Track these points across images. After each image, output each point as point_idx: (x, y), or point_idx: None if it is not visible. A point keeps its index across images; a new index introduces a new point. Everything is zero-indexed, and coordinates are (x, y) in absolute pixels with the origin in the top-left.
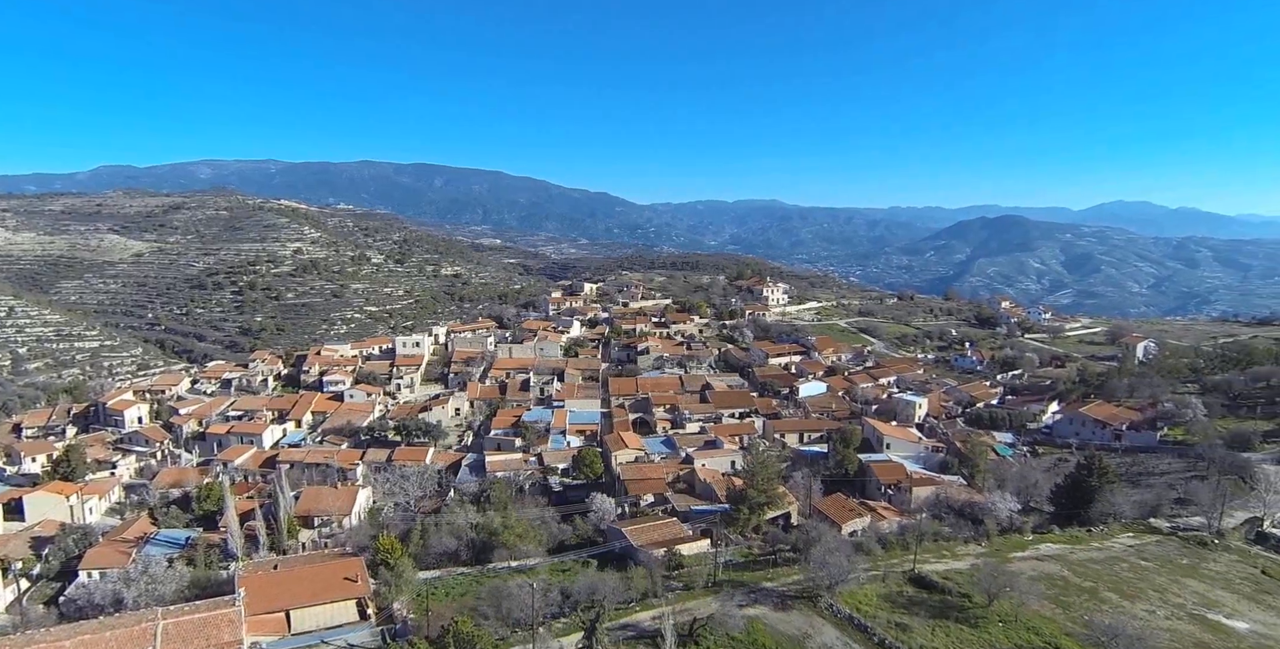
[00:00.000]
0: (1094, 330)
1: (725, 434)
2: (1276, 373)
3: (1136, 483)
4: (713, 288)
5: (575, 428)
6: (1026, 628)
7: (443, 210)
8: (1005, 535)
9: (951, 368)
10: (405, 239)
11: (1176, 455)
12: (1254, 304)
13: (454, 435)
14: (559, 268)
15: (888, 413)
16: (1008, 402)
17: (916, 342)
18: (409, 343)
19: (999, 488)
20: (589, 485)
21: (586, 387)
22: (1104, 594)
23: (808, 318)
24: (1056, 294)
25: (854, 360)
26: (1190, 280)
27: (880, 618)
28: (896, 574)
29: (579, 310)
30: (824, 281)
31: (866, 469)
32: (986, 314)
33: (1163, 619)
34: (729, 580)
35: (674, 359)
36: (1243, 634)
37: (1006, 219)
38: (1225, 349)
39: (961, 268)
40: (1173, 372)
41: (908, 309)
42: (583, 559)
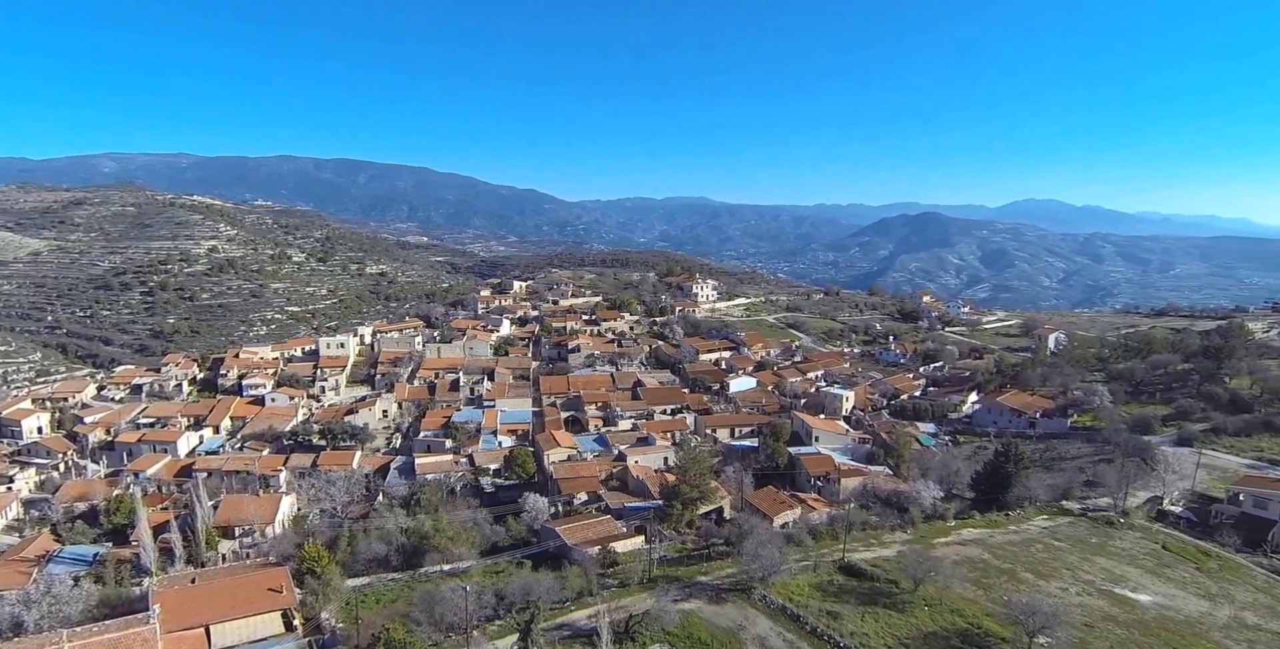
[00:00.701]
0: (1009, 323)
1: (657, 431)
2: (1174, 361)
3: (1050, 468)
4: (643, 285)
5: (507, 427)
6: (951, 610)
7: (367, 207)
8: (929, 522)
9: (877, 361)
10: (328, 237)
11: (1085, 440)
12: (1152, 296)
13: (382, 438)
14: (488, 266)
15: (816, 406)
16: (930, 393)
17: (843, 336)
18: (333, 344)
19: (923, 477)
20: (522, 485)
21: (517, 386)
22: (1021, 575)
23: (737, 314)
24: (974, 288)
25: (783, 355)
26: (1096, 274)
27: (812, 607)
28: (827, 563)
29: (509, 309)
30: (752, 278)
31: (796, 462)
32: (909, 308)
33: (1075, 595)
34: (664, 576)
35: (605, 357)
36: (1146, 606)
37: (927, 216)
38: (1128, 339)
39: (885, 263)
40: (1081, 361)
41: (834, 304)
42: (517, 560)
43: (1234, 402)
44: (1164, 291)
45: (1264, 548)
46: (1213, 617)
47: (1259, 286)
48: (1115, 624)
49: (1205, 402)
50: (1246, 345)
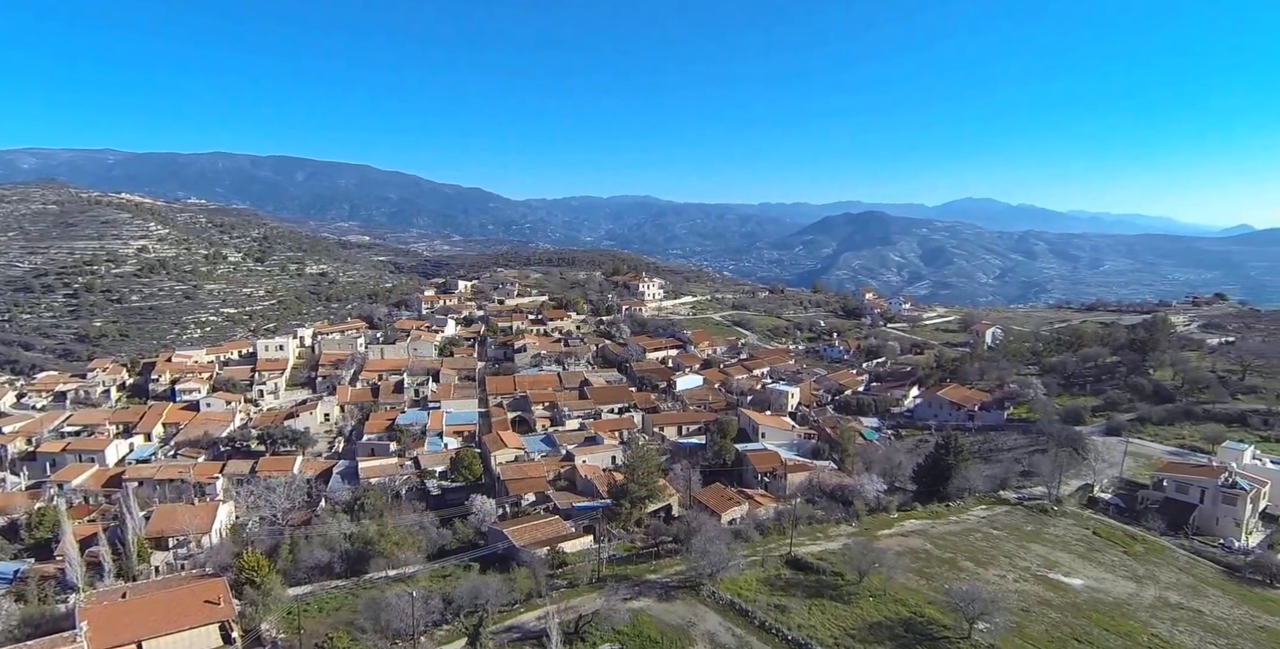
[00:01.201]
0: (948, 319)
1: (605, 430)
2: (1103, 354)
3: (988, 459)
4: (589, 284)
5: (452, 429)
6: (895, 600)
7: (306, 206)
8: (874, 515)
9: (821, 357)
10: (265, 236)
11: (1021, 432)
12: (1083, 292)
13: (324, 442)
14: (432, 265)
15: (762, 403)
16: (873, 388)
17: (788, 333)
18: (272, 346)
19: (867, 470)
20: (468, 487)
21: (463, 386)
22: (962, 563)
23: (683, 312)
24: (915, 285)
25: (729, 353)
26: (1030, 271)
27: (760, 601)
28: (775, 558)
29: (454, 309)
30: (699, 276)
31: (743, 458)
32: (852, 305)
33: (1012, 582)
34: (613, 575)
35: (552, 356)
36: (1078, 590)
37: (869, 215)
38: (1060, 333)
39: (828, 261)
40: (1017, 355)
41: (779, 302)
42: (464, 563)
43: (1158, 392)
44: (1093, 287)
45: (1185, 531)
46: (1139, 598)
47: (1180, 282)
48: (1050, 608)
49: (1132, 392)
50: (1169, 338)
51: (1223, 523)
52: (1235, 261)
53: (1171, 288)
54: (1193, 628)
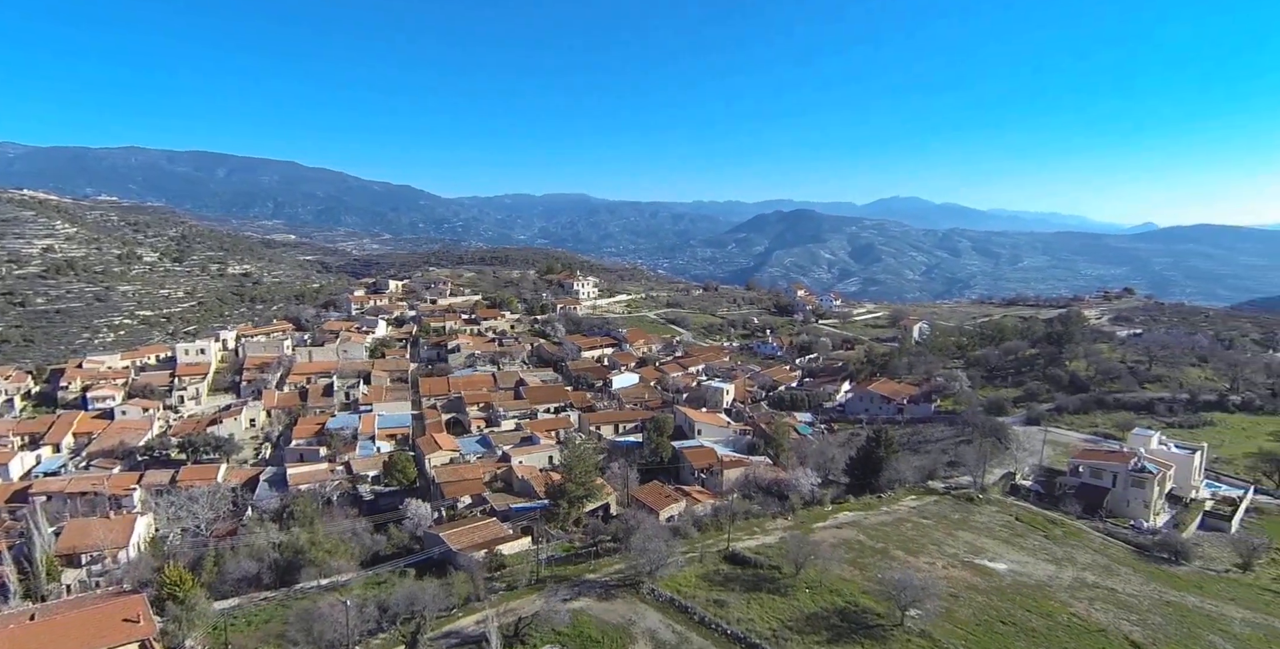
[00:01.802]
0: (878, 315)
1: (541, 430)
2: (1022, 347)
3: (917, 450)
4: (523, 283)
5: (385, 432)
6: (830, 591)
7: (228, 203)
8: (809, 508)
9: (755, 354)
10: (184, 235)
11: (948, 423)
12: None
13: (250, 449)
14: (361, 265)
15: (698, 400)
16: (806, 383)
17: (722, 330)
18: (192, 350)
19: (801, 464)
20: (403, 491)
21: (395, 388)
22: (894, 552)
23: (618, 310)
24: (845, 282)
25: (664, 351)
26: (954, 268)
27: (699, 597)
28: (713, 554)
29: (384, 309)
30: (633, 274)
31: (680, 455)
32: (784, 302)
33: (941, 568)
34: (552, 576)
35: (486, 356)
36: (1003, 574)
37: (799, 213)
38: (983, 328)
39: (761, 259)
40: (943, 350)
41: (713, 299)
42: (400, 569)
43: (1073, 383)
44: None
45: (1100, 513)
46: (1059, 579)
47: (1092, 277)
48: (977, 592)
49: (1049, 383)
50: (1083, 331)
51: (1133, 505)
52: (1142, 258)
53: (1085, 283)
54: (1107, 606)
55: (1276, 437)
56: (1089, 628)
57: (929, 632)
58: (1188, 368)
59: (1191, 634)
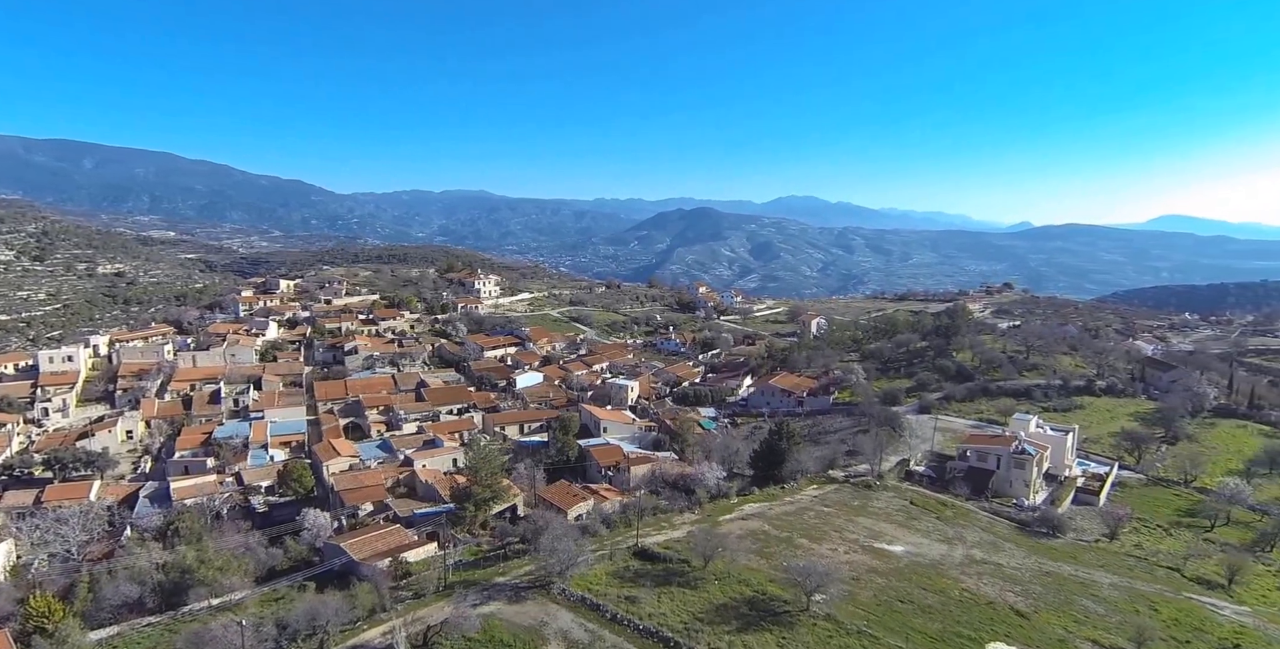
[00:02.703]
0: (777, 310)
1: (444, 432)
2: (913, 339)
3: (817, 441)
4: (423, 281)
5: (278, 440)
6: (739, 581)
7: (97, 197)
8: (715, 501)
9: (658, 351)
10: (45, 231)
11: (846, 414)
12: (895, 283)
13: (128, 463)
14: (249, 263)
15: (603, 398)
16: (709, 379)
17: (625, 328)
18: (57, 357)
19: (707, 459)
20: (300, 501)
21: (289, 393)
22: (798, 541)
23: (521, 309)
24: (745, 279)
25: (568, 349)
26: (849, 264)
27: (611, 594)
28: (623, 550)
29: (275, 310)
30: (535, 272)
31: (587, 454)
32: (686, 299)
33: (843, 554)
34: (461, 581)
35: (385, 357)
36: (900, 555)
37: (700, 211)
38: (877, 322)
39: (663, 256)
40: (840, 343)
41: (616, 297)
42: (299, 583)
43: (960, 372)
44: (904, 279)
45: (986, 494)
46: (951, 557)
47: (975, 273)
48: (877, 575)
49: (939, 374)
50: (968, 324)
51: (1015, 485)
52: (1019, 254)
53: (969, 278)
54: (994, 579)
55: (1136, 417)
56: (978, 601)
57: (834, 615)
58: (1060, 356)
59: (1068, 600)
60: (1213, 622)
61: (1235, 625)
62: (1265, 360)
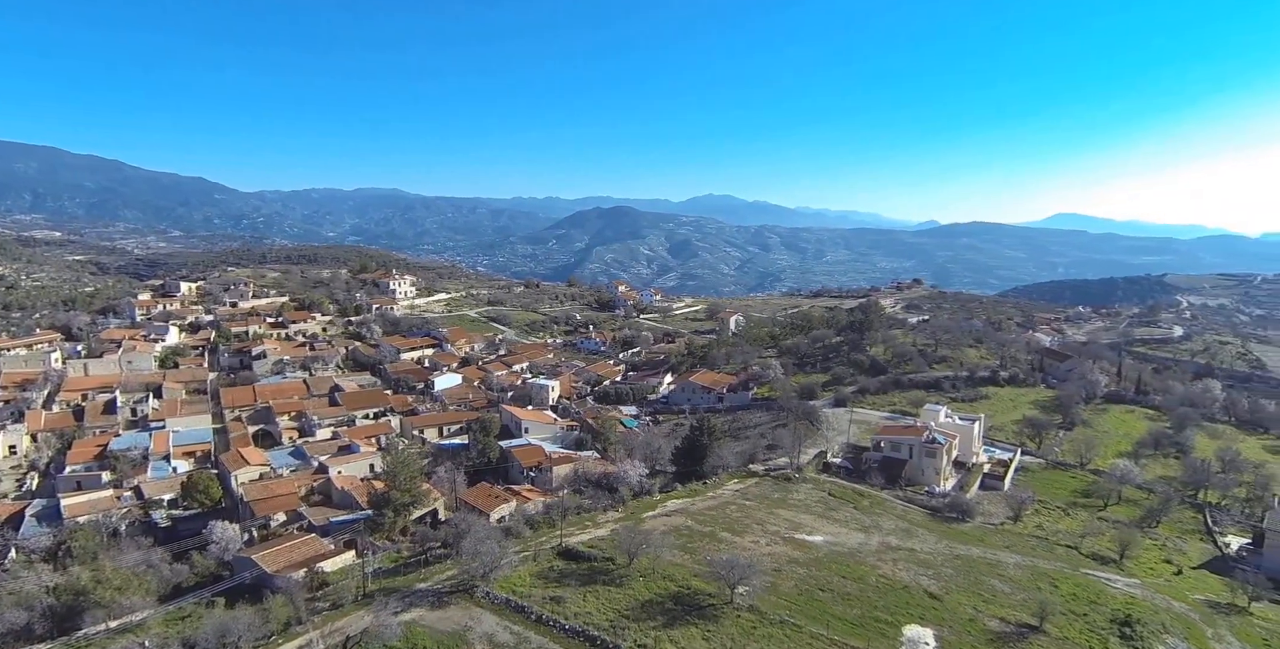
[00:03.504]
0: (696, 308)
1: (361, 437)
2: (829, 335)
3: (737, 436)
4: (335, 282)
5: (182, 450)
6: (664, 577)
7: None
8: (638, 499)
9: (578, 350)
10: None
11: (765, 409)
12: (810, 280)
13: (11, 481)
14: (146, 265)
15: (523, 398)
16: (630, 377)
17: (545, 328)
18: None
19: (629, 457)
20: (206, 514)
21: (192, 401)
22: (721, 535)
23: (438, 310)
24: (664, 277)
25: (487, 350)
26: (765, 262)
27: (536, 595)
28: (547, 551)
29: (176, 314)
30: (452, 272)
31: (508, 455)
32: (606, 298)
33: (765, 546)
34: (381, 589)
35: (297, 361)
36: (820, 545)
37: (619, 210)
38: (793, 318)
39: (582, 255)
40: (758, 340)
41: (535, 297)
42: (207, 600)
43: (874, 366)
44: (819, 276)
45: (900, 483)
46: (868, 545)
47: (887, 270)
48: (798, 565)
49: (853, 368)
50: (880, 319)
51: (927, 473)
52: (927, 251)
53: (880, 275)
54: (909, 564)
55: (1036, 405)
56: (894, 586)
57: (757, 606)
58: (966, 348)
59: (977, 581)
60: (1107, 594)
61: (1127, 597)
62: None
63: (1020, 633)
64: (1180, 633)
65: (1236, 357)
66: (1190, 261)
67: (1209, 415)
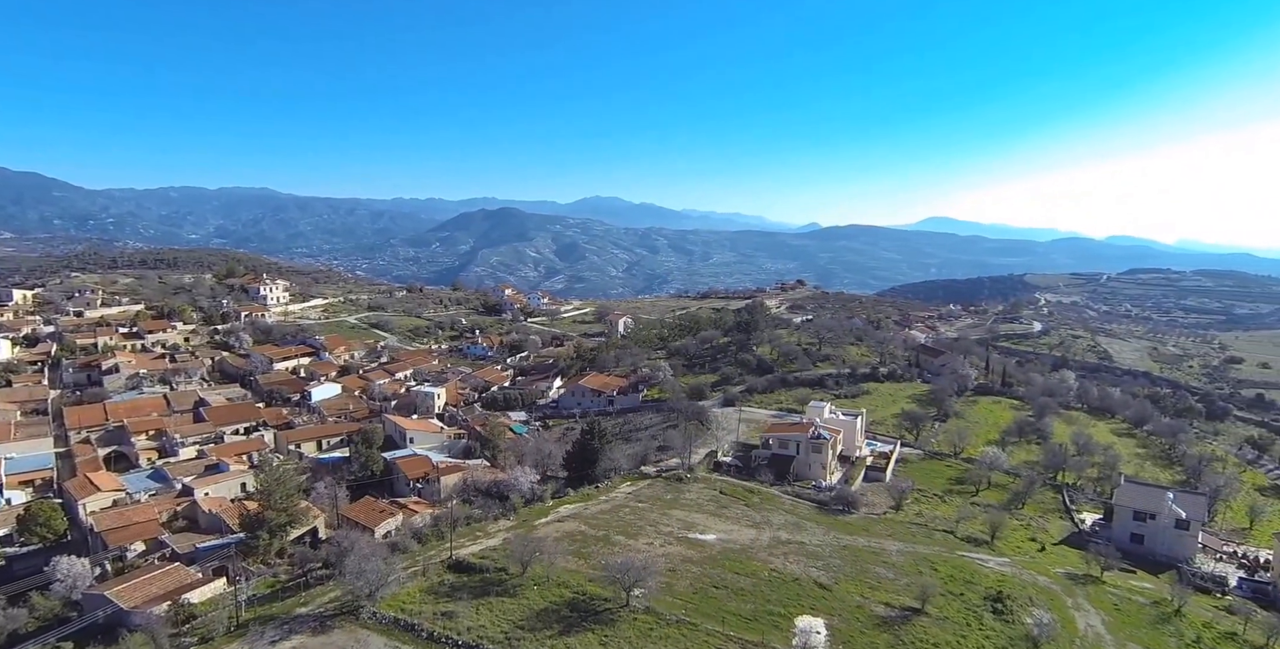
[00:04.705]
0: (584, 311)
1: (230, 455)
2: (716, 336)
3: (629, 439)
4: (199, 288)
5: (18, 478)
6: (558, 584)
7: None
8: (530, 506)
9: (465, 356)
10: None
11: (655, 411)
12: (697, 281)
13: None
14: None
15: (408, 407)
16: (519, 382)
17: (429, 333)
18: None
19: (519, 463)
20: (49, 549)
21: (30, 423)
22: (615, 538)
23: (314, 316)
24: (552, 280)
25: (368, 357)
26: (653, 264)
27: (426, 612)
28: (436, 565)
29: (8, 326)
30: (329, 277)
31: (393, 467)
32: (492, 302)
33: (659, 547)
34: (257, 618)
35: (155, 375)
36: (712, 543)
37: (504, 211)
38: (681, 320)
39: (467, 258)
40: (647, 342)
41: (418, 301)
42: (51, 645)
43: (760, 365)
44: (706, 277)
45: (788, 478)
46: (759, 541)
47: (772, 271)
48: (692, 564)
49: (741, 367)
50: (766, 319)
51: (813, 468)
52: (810, 253)
53: (766, 276)
54: (799, 557)
55: (914, 399)
56: (785, 579)
57: (653, 608)
58: (848, 347)
59: (863, 569)
60: (980, 573)
61: (998, 575)
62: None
63: (904, 616)
64: (1045, 604)
65: (1087, 349)
66: (1047, 262)
67: (1065, 403)
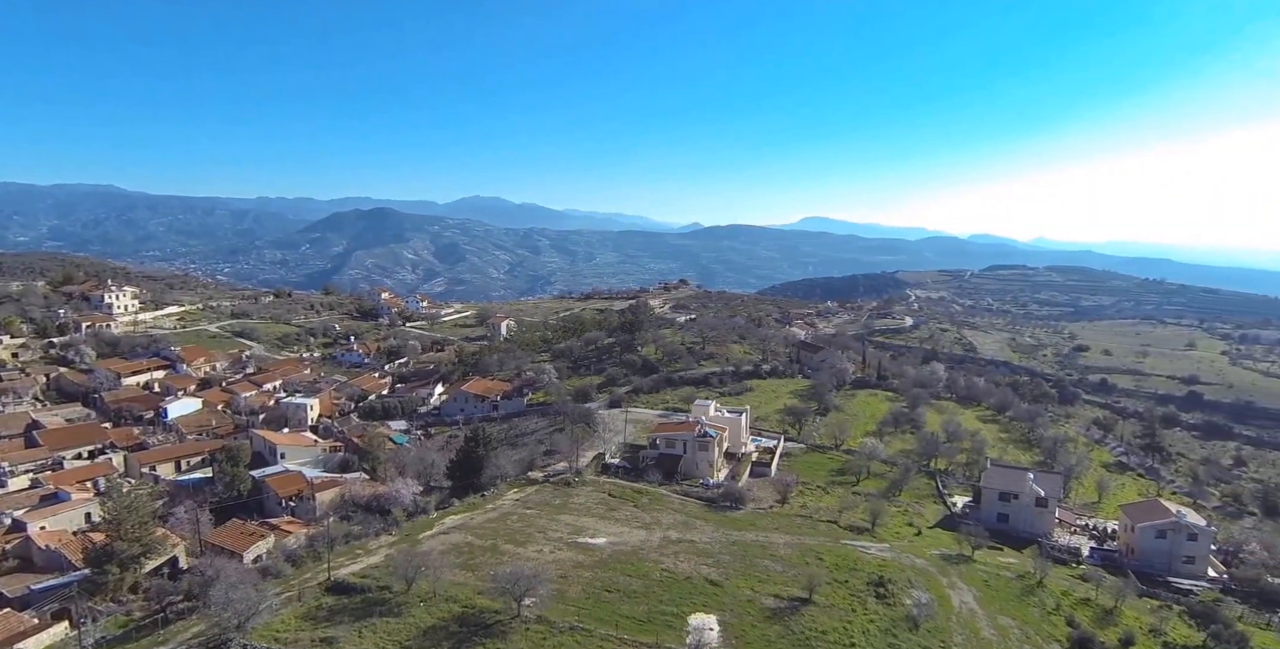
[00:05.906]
0: (466, 314)
1: (71, 482)
2: (601, 337)
3: (515, 444)
4: (29, 297)
5: None
6: (446, 599)
7: None
8: (413, 519)
9: (339, 364)
10: None
11: (541, 415)
12: (581, 282)
13: None
14: None
15: (277, 420)
16: (398, 390)
17: (300, 340)
18: None
19: (401, 475)
20: None
21: None
22: (503, 547)
23: (169, 326)
24: (431, 282)
25: (232, 369)
26: (536, 265)
27: (303, 640)
28: (313, 587)
29: None
30: (185, 282)
31: (263, 486)
32: (368, 307)
33: (549, 554)
34: None
35: None
36: (603, 547)
37: (380, 211)
38: (565, 321)
39: (340, 261)
40: (530, 345)
41: (287, 307)
42: None
43: (645, 365)
44: (589, 278)
45: (676, 477)
46: (650, 542)
47: (655, 271)
48: (583, 569)
49: (626, 368)
50: (650, 319)
51: (701, 466)
52: (692, 252)
53: (649, 276)
54: (690, 556)
55: (796, 394)
56: (677, 578)
57: (545, 616)
58: (732, 345)
59: (752, 564)
60: (863, 560)
61: (879, 560)
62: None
63: (793, 607)
64: (923, 585)
65: (954, 342)
66: (917, 260)
67: (936, 394)
